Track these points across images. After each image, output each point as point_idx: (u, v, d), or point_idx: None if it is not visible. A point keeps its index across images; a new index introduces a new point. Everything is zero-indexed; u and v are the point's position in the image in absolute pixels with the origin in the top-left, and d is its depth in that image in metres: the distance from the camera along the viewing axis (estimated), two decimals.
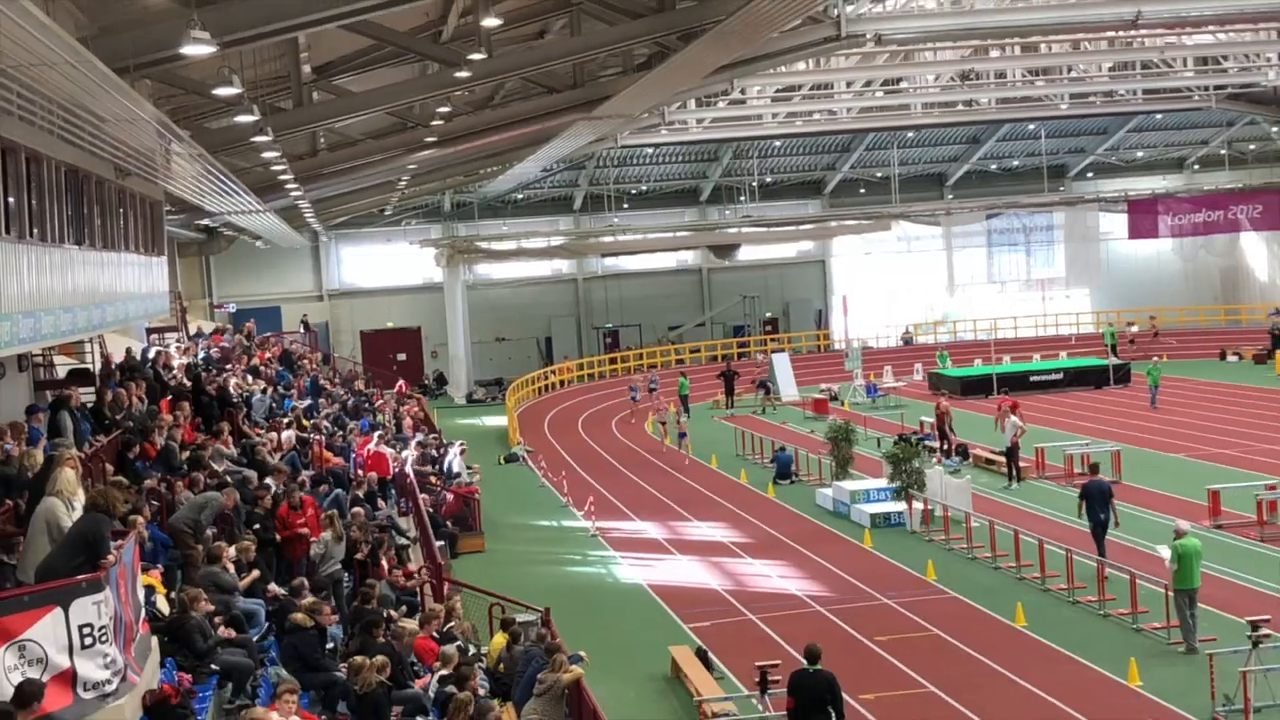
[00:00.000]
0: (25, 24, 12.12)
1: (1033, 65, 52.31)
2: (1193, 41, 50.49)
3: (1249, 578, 26.36)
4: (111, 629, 12.47)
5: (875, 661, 22.86)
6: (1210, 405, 50.58)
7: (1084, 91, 57.64)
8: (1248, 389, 54.43)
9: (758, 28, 25.75)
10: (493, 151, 44.58)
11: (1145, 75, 55.31)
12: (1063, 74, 54.59)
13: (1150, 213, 70.91)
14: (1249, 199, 70.28)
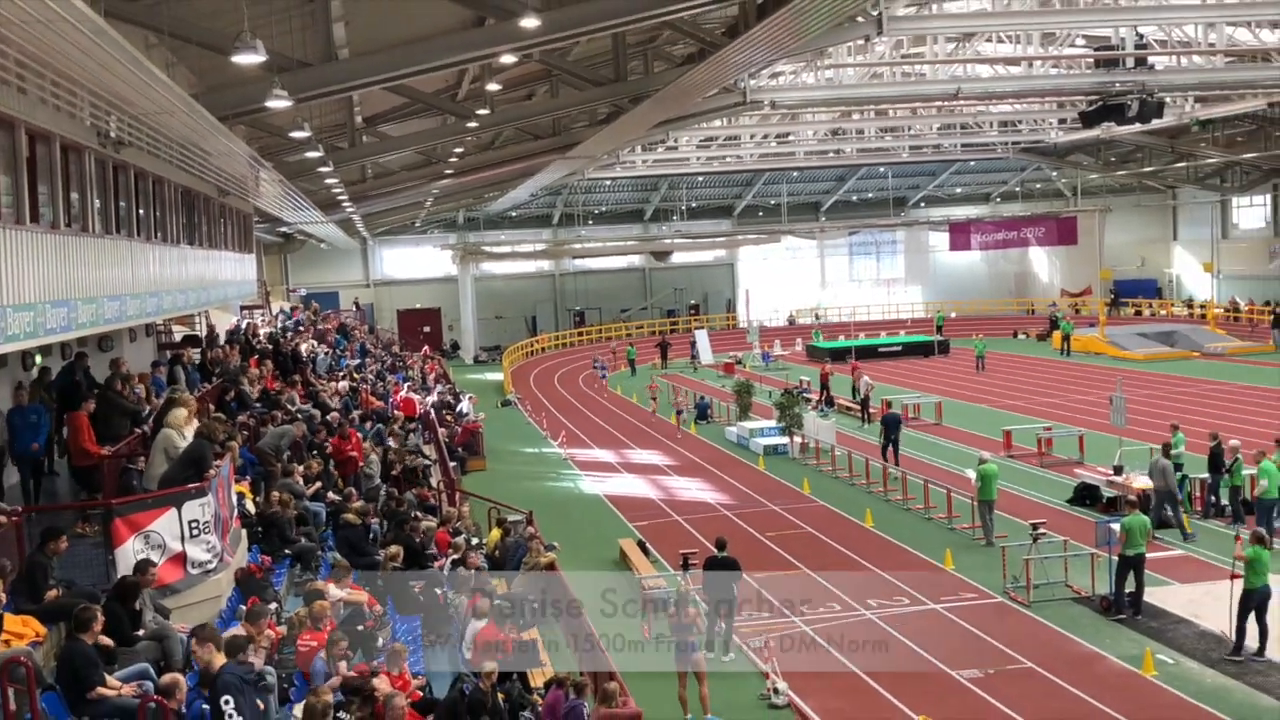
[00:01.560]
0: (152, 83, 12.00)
1: (883, 125, 52.41)
2: (997, 109, 50.70)
3: (1031, 492, 26.59)
4: (213, 524, 12.49)
5: (765, 550, 22.95)
6: (1005, 370, 50.95)
7: (919, 144, 57.84)
8: (1032, 358, 54.96)
9: (687, 95, 25.73)
10: (494, 181, 44.48)
11: (963, 133, 55.52)
12: (905, 132, 54.75)
13: (965, 232, 71.36)
14: (1035, 223, 70.80)
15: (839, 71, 35.94)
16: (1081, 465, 28.59)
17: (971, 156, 65.45)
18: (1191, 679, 15.55)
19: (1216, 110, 45.04)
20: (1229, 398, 39.20)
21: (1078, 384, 44.44)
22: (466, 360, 66.49)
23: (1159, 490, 22.68)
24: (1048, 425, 32.59)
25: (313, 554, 15.57)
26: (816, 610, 19.11)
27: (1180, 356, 51.33)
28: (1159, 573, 19.59)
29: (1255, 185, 65.49)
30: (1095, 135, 50.74)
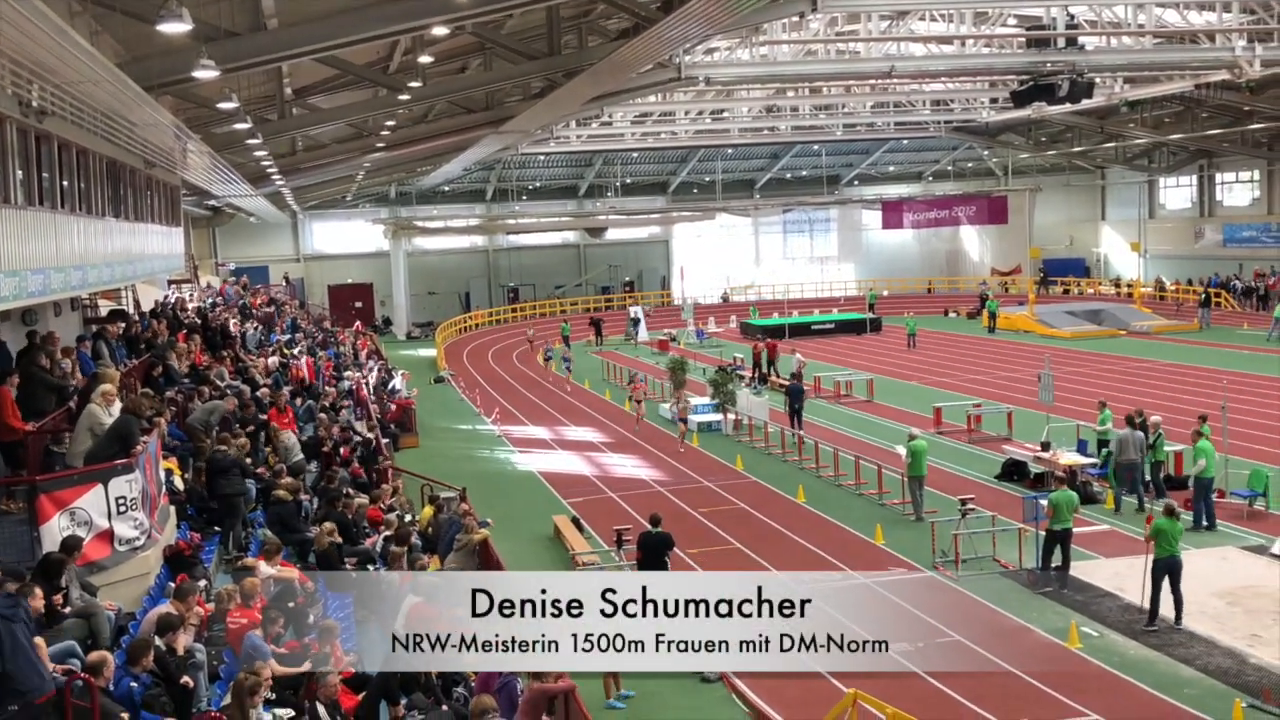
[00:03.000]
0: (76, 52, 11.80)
1: (817, 103, 52.64)
2: (930, 88, 51.13)
3: (960, 468, 27.00)
4: (140, 500, 12.36)
5: (699, 526, 23.11)
6: (936, 347, 51.56)
7: (853, 122, 58.16)
8: (962, 336, 55.66)
9: (620, 70, 25.71)
10: (426, 155, 44.10)
11: (896, 111, 55.85)
12: (839, 110, 55.03)
13: (898, 210, 71.93)
14: (966, 202, 71.50)
15: (773, 48, 36.01)
16: (1010, 441, 29.04)
17: (904, 135, 65.97)
18: (1115, 651, 15.94)
19: (1145, 91, 45.77)
20: (1154, 376, 39.99)
21: (1007, 361, 45.10)
22: (399, 336, 65.99)
23: (1122, 465, 22.98)
24: (977, 402, 33.06)
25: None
26: None
27: (1107, 335, 52.26)
28: (1084, 547, 20.01)
29: (1182, 166, 66.78)
30: (1026, 115, 51.34)
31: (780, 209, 73.89)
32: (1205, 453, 21.41)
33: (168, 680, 10.06)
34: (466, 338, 62.56)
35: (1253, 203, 64.20)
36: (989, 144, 69.75)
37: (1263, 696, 14.06)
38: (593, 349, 55.38)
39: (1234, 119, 54.68)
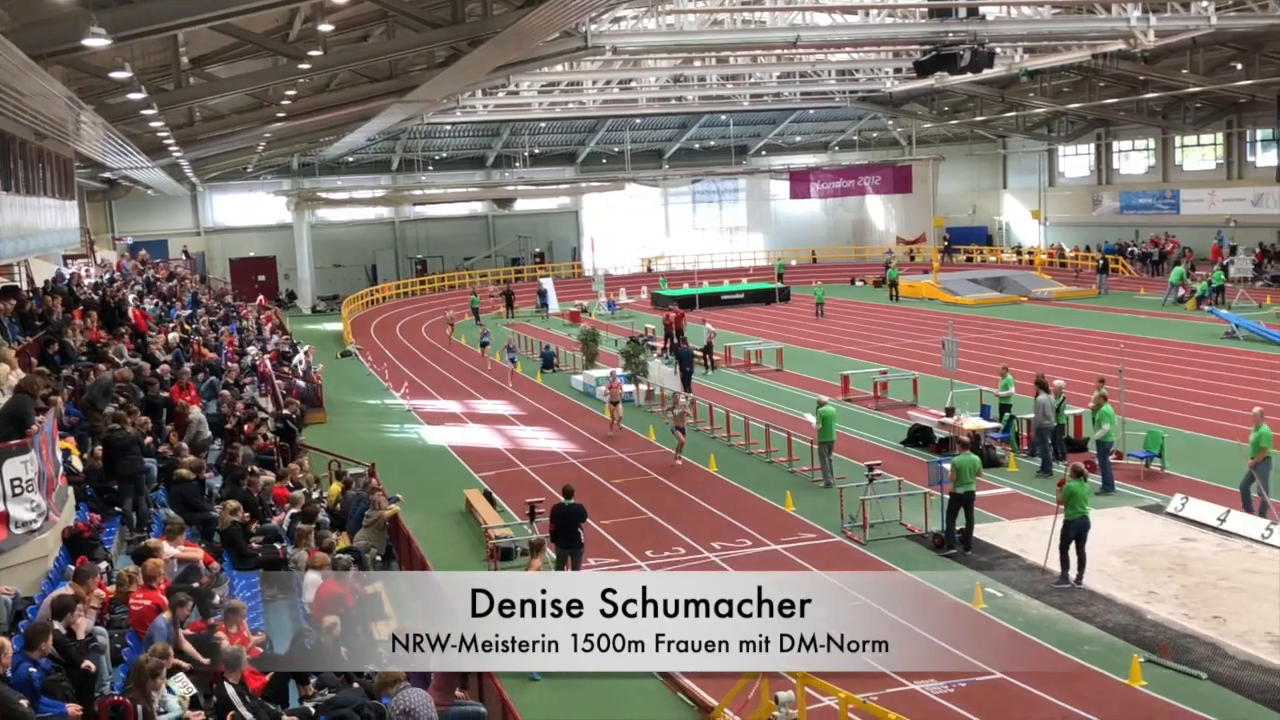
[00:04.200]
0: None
1: (724, 73, 52.78)
2: (835, 59, 51.48)
3: (867, 434, 27.33)
4: (36, 481, 12.03)
5: (612, 497, 23.16)
6: (844, 316, 52.08)
7: (760, 93, 58.44)
8: (869, 305, 56.27)
9: (526, 38, 25.49)
10: (329, 125, 43.39)
11: (802, 81, 56.22)
12: (745, 79, 55.21)
13: (805, 180, 72.48)
14: (872, 172, 72.30)
15: (680, 18, 36.01)
16: (915, 408, 29.44)
17: (811, 105, 66.46)
18: (1019, 610, 16.26)
19: (1044, 61, 46.54)
20: (1055, 341, 40.79)
21: (912, 329, 45.67)
22: (304, 310, 65.13)
23: (1040, 428, 23.44)
24: (883, 369, 33.48)
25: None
26: (662, 554, 19.40)
27: (1009, 301, 53.15)
28: (988, 510, 20.37)
29: (1080, 135, 68.07)
30: (929, 85, 51.97)
31: (689, 179, 74.05)
32: (1108, 417, 21.89)
33: (69, 664, 9.84)
34: (374, 311, 61.90)
35: (1148, 170, 65.70)
36: (893, 114, 70.47)
37: (1159, 651, 14.46)
38: (504, 321, 55.13)
39: (1130, 88, 55.79)
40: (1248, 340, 38.02)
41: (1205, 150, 62.20)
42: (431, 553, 18.10)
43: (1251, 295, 47.36)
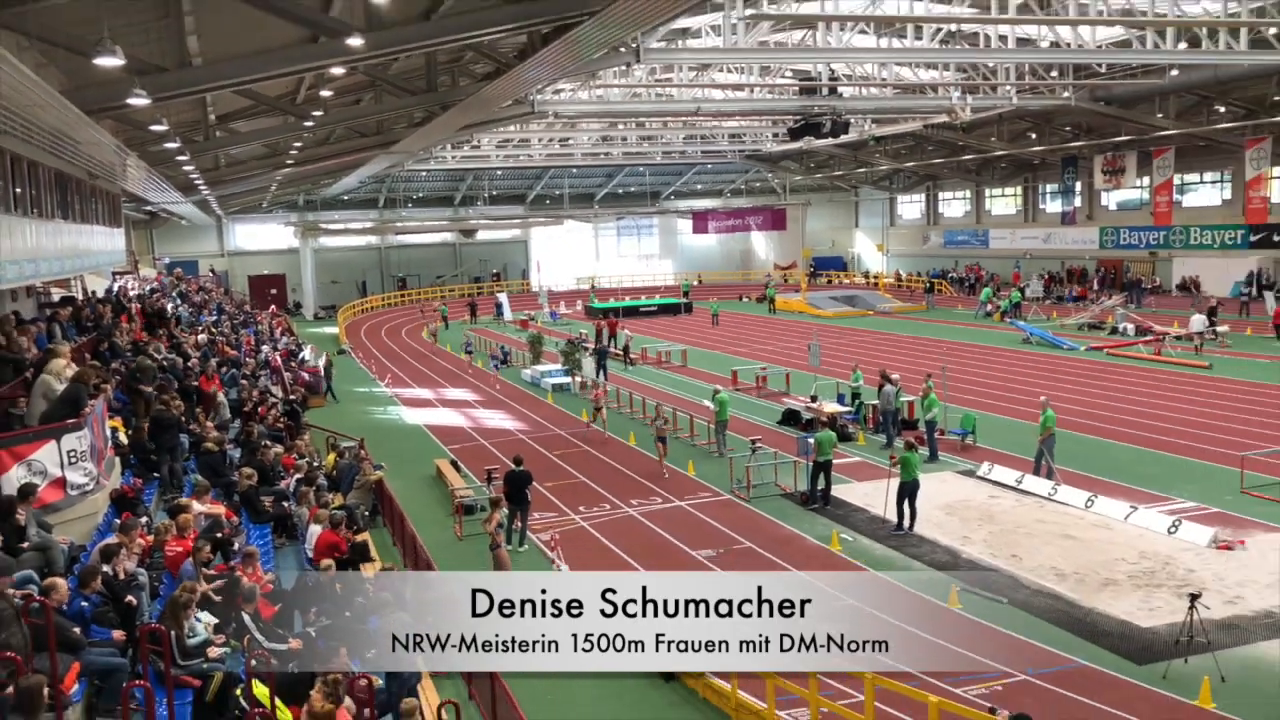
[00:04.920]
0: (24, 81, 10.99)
1: (642, 134, 52.81)
2: (728, 124, 51.75)
3: (751, 415, 27.48)
4: (89, 453, 11.70)
5: (554, 466, 23.04)
6: (734, 325, 52.35)
7: (669, 150, 58.57)
8: (753, 316, 56.53)
9: (486, 104, 25.30)
10: (328, 170, 42.70)
11: (703, 142, 56.44)
12: (658, 139, 55.30)
13: (704, 219, 72.77)
14: (756, 213, 72.78)
15: (607, 90, 35.93)
16: (787, 395, 29.72)
17: (709, 160, 66.70)
18: (865, 551, 16.49)
19: (887, 129, 47.20)
20: (894, 344, 41.39)
21: (785, 335, 46.02)
22: (308, 317, 63.97)
23: (885, 411, 23.74)
24: (764, 366, 33.71)
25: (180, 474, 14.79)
26: (591, 510, 19.36)
27: (859, 314, 53.81)
28: (842, 474, 20.60)
29: (914, 187, 69.14)
30: (799, 146, 52.41)
31: (615, 217, 73.95)
32: (935, 403, 22.29)
33: (114, 599, 9.57)
34: (364, 318, 61.00)
35: (965, 214, 66.90)
36: (772, 168, 71.02)
37: (970, 582, 14.72)
38: (468, 326, 54.65)
39: (952, 151, 56.79)
40: (1039, 345, 38.88)
41: (1008, 199, 63.47)
42: (409, 509, 17.89)
43: (1042, 310, 48.45)
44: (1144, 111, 42.71)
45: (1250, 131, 42.49)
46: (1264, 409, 25.58)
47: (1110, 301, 46.24)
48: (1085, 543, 16.18)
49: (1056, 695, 11.15)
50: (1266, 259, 47.08)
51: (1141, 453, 21.87)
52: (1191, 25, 27.72)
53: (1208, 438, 22.74)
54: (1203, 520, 16.67)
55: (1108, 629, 12.87)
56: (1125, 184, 50.01)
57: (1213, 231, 49.51)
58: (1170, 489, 18.84)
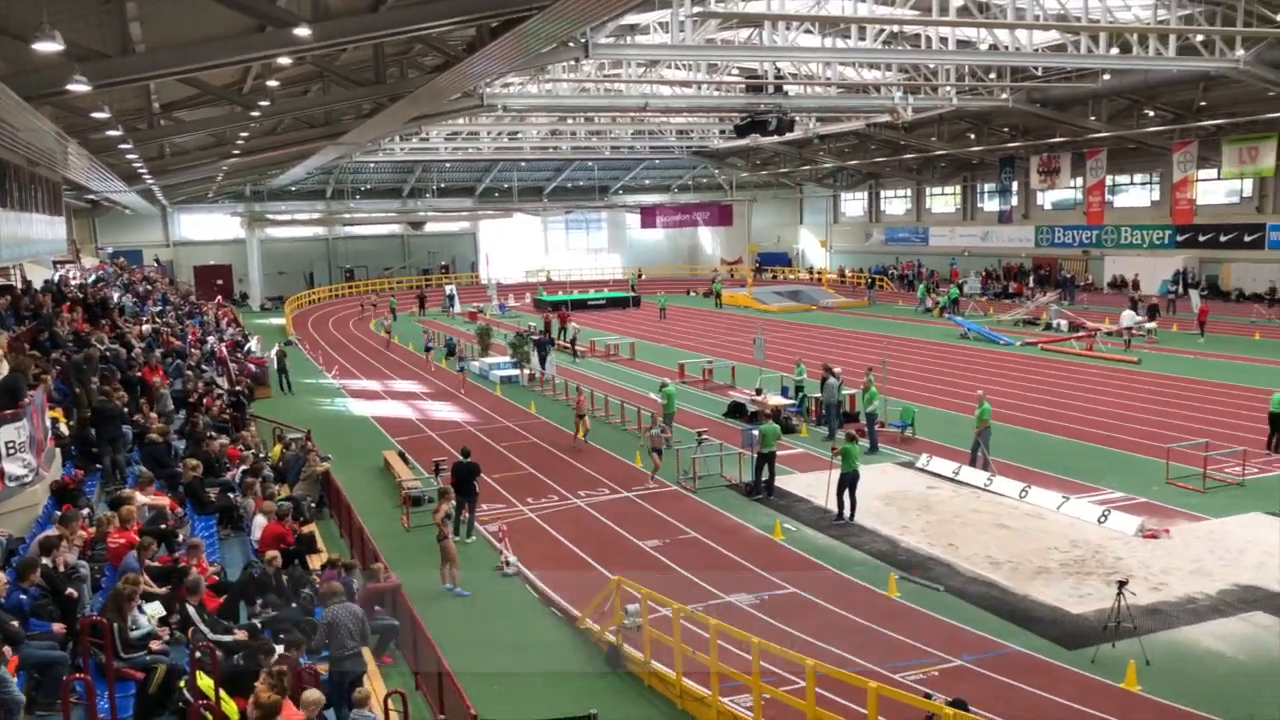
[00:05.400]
0: None
1: (590, 129, 52.63)
2: (675, 121, 51.74)
3: (697, 408, 27.60)
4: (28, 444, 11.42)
5: (501, 457, 22.94)
6: (681, 319, 52.52)
7: (618, 145, 58.41)
8: (700, 310, 56.79)
9: (434, 97, 25.02)
10: (275, 161, 41.91)
11: (650, 137, 56.41)
12: (607, 134, 55.15)
13: (652, 214, 72.82)
14: (703, 209, 73.02)
15: (556, 85, 35.75)
16: (733, 388, 29.89)
17: (656, 156, 66.76)
18: (808, 540, 16.66)
19: (831, 128, 47.57)
20: (836, 338, 41.82)
21: (731, 330, 46.31)
22: (254, 308, 62.95)
23: (828, 404, 23.92)
24: (710, 360, 33.88)
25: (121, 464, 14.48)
26: (539, 501, 19.33)
27: (803, 309, 54.25)
28: (786, 465, 20.77)
29: (857, 184, 69.86)
30: (746, 144, 52.72)
31: (563, 211, 73.74)
32: (875, 396, 22.56)
33: (54, 592, 9.36)
34: (311, 309, 60.16)
35: (906, 212, 67.78)
36: (719, 165, 71.28)
37: (909, 570, 14.97)
38: (416, 318, 54.17)
39: (894, 150, 57.44)
40: (976, 340, 39.54)
41: (947, 198, 64.41)
42: (356, 500, 17.71)
43: (979, 307, 49.25)
44: (1078, 114, 43.59)
45: (1178, 135, 43.58)
46: (1189, 403, 26.29)
47: (1045, 298, 47.16)
48: (1019, 532, 16.50)
49: (990, 680, 11.38)
50: (1192, 258, 48.36)
51: (1073, 445, 22.35)
52: (1123, 31, 28.33)
53: (1136, 430, 23.32)
54: (1131, 510, 17.10)
55: (1040, 615, 13.15)
56: (1060, 184, 50.99)
57: (1142, 231, 50.76)
58: (1100, 480, 19.28)
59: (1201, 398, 26.91)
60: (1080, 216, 52.21)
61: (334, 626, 9.89)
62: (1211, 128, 41.68)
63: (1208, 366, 31.68)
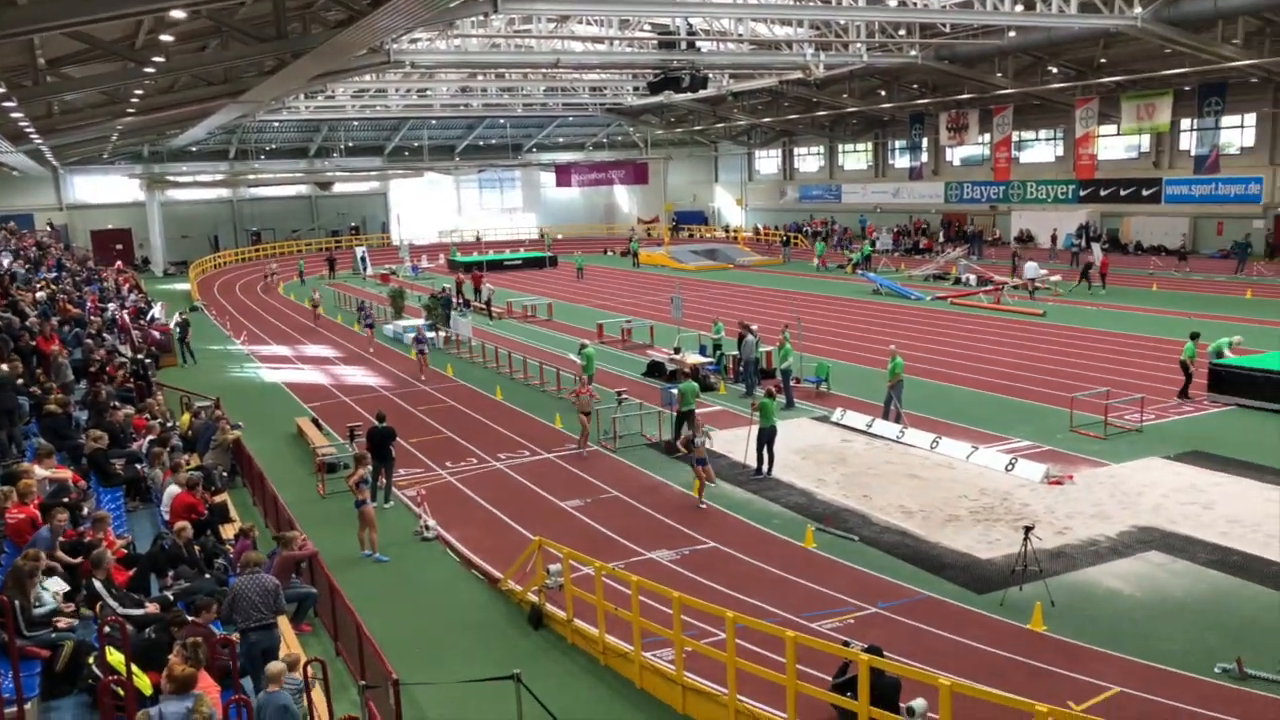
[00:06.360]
0: None
1: (502, 85, 51.86)
2: (589, 78, 51.32)
3: (617, 368, 27.67)
4: None
5: (418, 421, 22.73)
6: (598, 279, 52.40)
7: (531, 102, 57.71)
8: (617, 270, 56.74)
9: (339, 53, 24.32)
10: (174, 120, 40.35)
11: (564, 94, 55.88)
12: (519, 91, 54.44)
13: (567, 173, 72.11)
14: (618, 167, 72.58)
15: (465, 40, 35.11)
16: (652, 348, 30.02)
17: (570, 113, 66.06)
18: (727, 495, 16.89)
19: (744, 85, 47.69)
20: (753, 296, 42.23)
21: (649, 289, 46.42)
22: (157, 273, 60.90)
23: (747, 360, 24.12)
24: (629, 319, 33.94)
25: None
26: (458, 464, 19.22)
27: (720, 268, 54.62)
28: (705, 422, 20.98)
29: (771, 142, 70.22)
30: (660, 101, 52.51)
31: (476, 170, 72.72)
32: (791, 352, 22.88)
33: None
34: (217, 274, 58.47)
35: (819, 169, 68.46)
36: (633, 122, 70.89)
37: (824, 521, 15.31)
38: (327, 281, 53.04)
39: (806, 108, 57.86)
40: (888, 296, 40.32)
41: (860, 155, 65.21)
42: (269, 468, 17.39)
43: (891, 263, 50.16)
44: (985, 71, 44.42)
45: (1080, 92, 44.75)
46: (1091, 353, 27.26)
47: (954, 254, 48.24)
48: (930, 482, 16.99)
49: (904, 625, 11.75)
50: (1094, 212, 49.91)
51: (982, 396, 23.03)
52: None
53: (1041, 380, 24.12)
54: (1036, 458, 17.72)
55: (951, 562, 13.59)
56: (968, 140, 52.01)
57: (1047, 186, 52.15)
58: (1007, 430, 19.92)
59: (1103, 348, 27.92)
60: (988, 172, 53.39)
61: (238, 599, 9.74)
62: (1111, 84, 42.89)
63: (1109, 318, 32.84)
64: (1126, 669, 10.51)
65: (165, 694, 7.10)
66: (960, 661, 10.69)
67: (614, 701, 10.50)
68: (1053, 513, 15.23)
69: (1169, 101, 41.92)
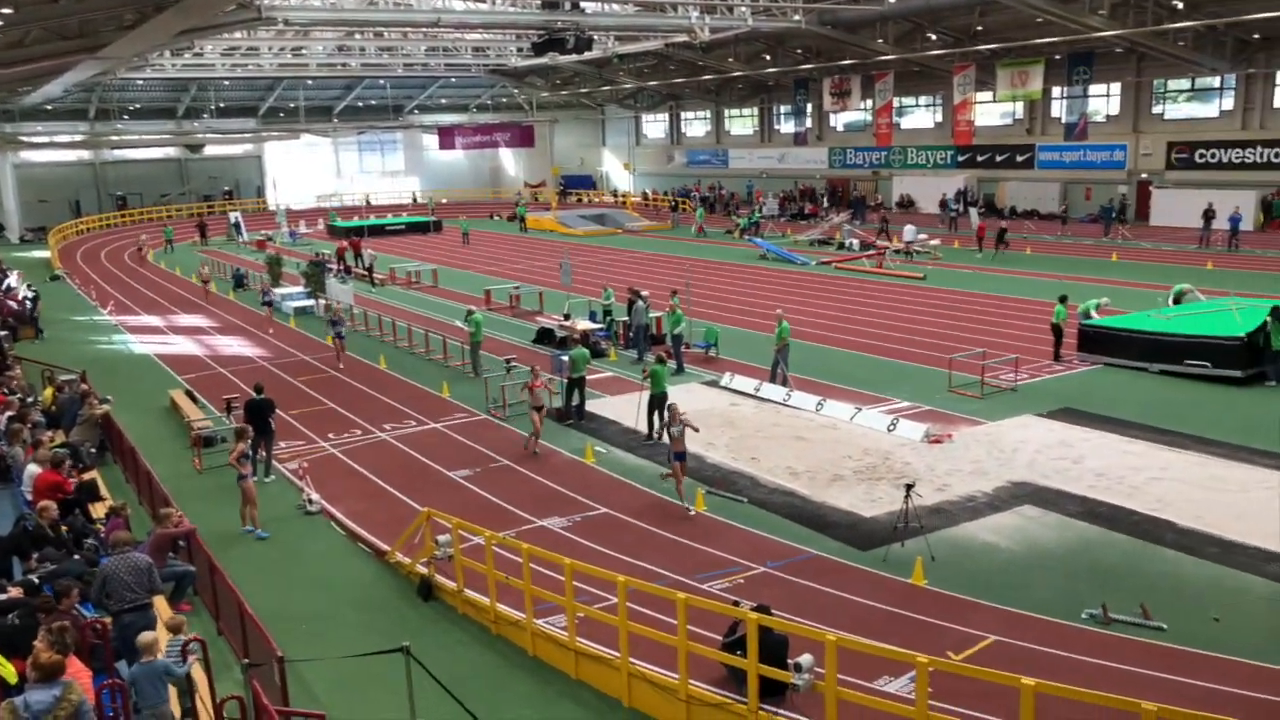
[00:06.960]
0: None
1: (381, 45, 50.56)
2: (471, 38, 50.43)
3: (505, 335, 27.42)
4: None
5: (300, 393, 22.16)
6: (485, 244, 51.80)
7: (411, 62, 56.34)
8: (504, 235, 56.17)
9: (206, 7, 23.36)
10: (26, 76, 38.08)
11: (445, 55, 54.75)
12: (399, 51, 53.12)
13: (450, 135, 70.90)
14: (503, 130, 71.76)
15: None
16: (541, 314, 29.88)
17: (453, 74, 64.91)
18: (618, 461, 17.00)
19: (630, 47, 47.54)
20: (642, 261, 42.36)
21: (537, 254, 46.11)
22: (13, 240, 57.65)
23: (638, 326, 24.14)
24: (517, 285, 33.66)
25: None
26: (341, 436, 18.83)
27: (609, 233, 54.58)
28: (596, 389, 21.04)
29: (658, 106, 70.24)
30: (544, 62, 51.88)
31: (355, 132, 70.73)
32: (680, 318, 23.06)
33: None
34: (79, 240, 55.65)
35: (706, 134, 68.87)
36: (518, 84, 69.98)
37: (714, 484, 15.55)
38: (198, 248, 51.04)
39: (692, 71, 58.03)
40: (775, 261, 40.96)
41: (746, 120, 65.82)
42: (141, 444, 16.72)
43: (777, 228, 50.94)
44: (866, 36, 45.25)
45: (958, 58, 46.03)
46: (968, 315, 28.26)
47: (838, 219, 49.25)
48: (816, 443, 17.41)
49: (792, 584, 12.06)
50: (971, 178, 51.57)
51: (864, 359, 23.66)
52: None
53: (921, 342, 24.90)
54: (917, 418, 18.34)
55: (836, 520, 13.98)
56: (851, 106, 52.99)
57: (926, 152, 53.63)
58: (889, 391, 20.54)
59: (980, 310, 28.97)
60: (870, 138, 54.56)
61: (108, 580, 9.39)
62: (987, 52, 44.25)
63: (986, 280, 34.06)
64: (1002, 618, 11.02)
65: (31, 682, 6.81)
66: (845, 617, 11.05)
67: (506, 669, 10.51)
68: (933, 470, 15.79)
69: (1041, 70, 43.48)
